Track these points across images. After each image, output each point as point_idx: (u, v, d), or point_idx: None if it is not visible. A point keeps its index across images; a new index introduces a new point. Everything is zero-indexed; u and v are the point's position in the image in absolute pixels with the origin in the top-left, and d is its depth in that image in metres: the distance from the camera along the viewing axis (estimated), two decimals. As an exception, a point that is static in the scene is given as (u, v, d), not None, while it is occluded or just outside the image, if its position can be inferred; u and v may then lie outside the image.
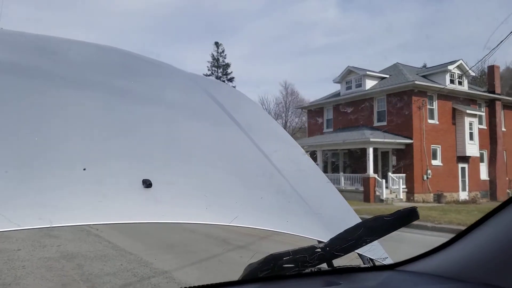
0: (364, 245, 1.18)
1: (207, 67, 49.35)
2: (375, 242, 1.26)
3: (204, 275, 6.43)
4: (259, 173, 1.44)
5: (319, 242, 1.26)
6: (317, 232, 1.30)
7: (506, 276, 1.00)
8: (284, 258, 1.23)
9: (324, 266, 1.28)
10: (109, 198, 1.01)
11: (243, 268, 1.29)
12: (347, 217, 1.46)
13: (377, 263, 1.33)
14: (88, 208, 0.95)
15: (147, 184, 1.07)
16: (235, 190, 1.27)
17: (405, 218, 1.07)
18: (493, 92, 25.69)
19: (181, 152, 1.28)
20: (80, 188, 0.99)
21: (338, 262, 1.30)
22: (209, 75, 48.41)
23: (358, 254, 1.37)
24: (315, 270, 1.24)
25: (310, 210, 1.39)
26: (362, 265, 1.34)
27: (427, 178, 22.15)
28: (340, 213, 1.50)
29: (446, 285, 1.09)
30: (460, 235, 1.16)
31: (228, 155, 1.41)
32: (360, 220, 1.37)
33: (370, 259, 1.35)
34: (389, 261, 1.29)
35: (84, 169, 1.03)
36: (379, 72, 26.18)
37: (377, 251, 1.29)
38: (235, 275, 1.33)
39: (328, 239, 1.22)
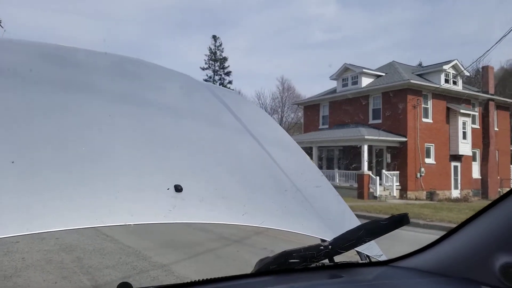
0: (363, 244, 1.36)
1: (204, 60, 49.13)
2: (372, 242, 1.45)
3: (202, 269, 6.57)
4: (270, 178, 1.62)
5: (322, 240, 1.45)
6: (320, 231, 1.48)
7: (485, 272, 1.19)
8: (294, 254, 1.41)
9: (326, 261, 1.47)
10: (145, 201, 1.18)
11: (240, 262, 1.47)
12: (347, 218, 1.64)
13: (373, 260, 1.52)
14: (129, 210, 1.12)
15: (178, 189, 1.24)
16: (251, 193, 1.44)
17: (398, 222, 1.25)
18: (487, 92, 26.02)
19: (204, 159, 1.45)
20: (124, 192, 1.15)
21: (338, 258, 1.49)
22: (206, 69, 48.33)
23: (357, 251, 1.56)
24: (320, 265, 1.43)
25: (315, 212, 1.57)
26: (360, 261, 1.52)
27: (420, 176, 22.45)
28: (341, 214, 1.68)
29: (432, 279, 1.28)
30: (447, 235, 1.35)
31: (244, 162, 1.58)
32: (358, 221, 1.56)
33: (367, 255, 1.54)
34: (383, 258, 1.47)
35: (124, 176, 1.21)
36: (375, 70, 26.37)
37: (373, 249, 1.48)
38: (232, 269, 1.51)
39: (330, 238, 1.41)
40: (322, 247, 1.39)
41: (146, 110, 1.53)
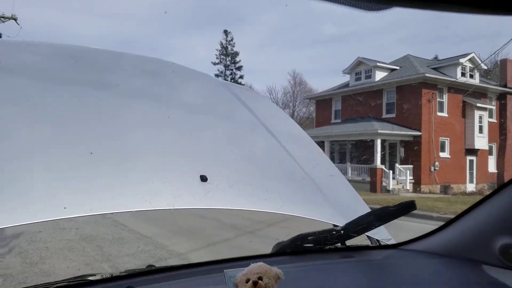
0: (373, 228, 1.49)
1: (216, 55, 49.11)
2: (381, 227, 1.57)
3: (217, 257, 6.71)
4: (285, 169, 1.75)
5: (334, 225, 1.58)
6: (333, 217, 1.61)
7: (486, 252, 1.31)
8: (309, 238, 1.55)
9: (339, 245, 1.60)
10: (181, 189, 1.33)
11: (253, 251, 1.60)
12: (357, 205, 1.76)
13: (382, 243, 1.64)
14: (170, 196, 1.27)
15: (203, 178, 1.39)
16: (270, 182, 1.58)
17: (406, 208, 1.38)
18: (505, 86, 25.62)
19: (226, 153, 1.59)
20: (157, 181, 1.30)
21: (350, 243, 1.61)
22: (217, 63, 48.39)
23: (367, 236, 1.69)
24: (333, 247, 1.56)
25: (328, 200, 1.70)
26: (371, 245, 1.65)
27: (435, 169, 22.31)
28: (352, 202, 1.81)
29: (438, 260, 1.40)
30: (452, 220, 1.47)
31: (261, 154, 1.72)
32: (368, 208, 1.68)
33: (377, 240, 1.67)
34: (392, 242, 1.60)
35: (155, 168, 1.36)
36: (390, 64, 26.14)
37: (382, 233, 1.61)
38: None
39: (342, 223, 1.54)
40: (334, 232, 1.52)
41: (171, 108, 1.67)
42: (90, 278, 1.14)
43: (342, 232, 1.51)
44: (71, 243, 8.05)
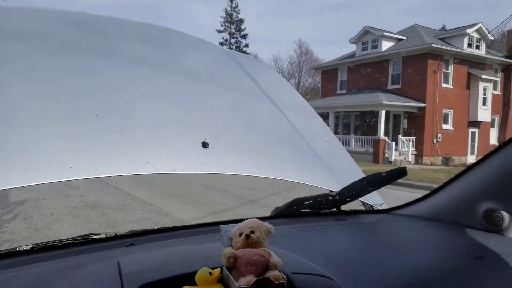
0: (366, 194, 1.56)
1: (220, 22, 48.24)
2: (374, 193, 1.64)
3: (219, 225, 6.91)
4: (285, 136, 1.81)
5: (331, 191, 1.65)
6: (330, 183, 1.68)
7: (470, 217, 1.39)
8: (305, 202, 1.63)
9: (334, 210, 1.68)
10: (179, 155, 1.39)
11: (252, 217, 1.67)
12: (354, 172, 1.83)
13: (375, 209, 1.72)
14: (170, 160, 1.33)
15: (205, 145, 1.45)
16: (271, 152, 1.64)
17: (397, 174, 1.44)
18: (511, 57, 25.26)
19: (228, 120, 1.65)
20: (160, 146, 1.36)
21: (345, 208, 1.69)
22: (221, 31, 47.61)
23: (361, 201, 1.76)
24: (328, 212, 1.64)
25: (325, 167, 1.77)
26: (364, 209, 1.73)
27: (437, 141, 22.35)
28: (348, 169, 1.88)
29: (425, 223, 1.48)
30: (441, 187, 1.54)
31: (263, 124, 1.77)
32: (363, 175, 1.75)
33: (370, 205, 1.74)
34: (384, 207, 1.68)
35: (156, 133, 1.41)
36: (396, 34, 25.70)
37: (375, 199, 1.68)
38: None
39: (338, 189, 1.61)
40: (330, 197, 1.60)
41: (175, 75, 1.72)
42: (95, 236, 1.22)
43: (336, 197, 1.58)
44: (75, 210, 8.21)
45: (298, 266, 0.93)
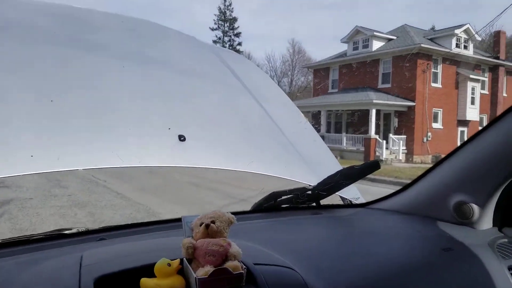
0: (342, 188, 1.57)
1: (214, 20, 48.04)
2: (352, 186, 1.65)
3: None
4: (266, 132, 1.81)
5: (309, 186, 1.66)
6: (308, 178, 1.68)
7: (441, 210, 1.40)
8: (282, 197, 1.63)
9: (313, 204, 1.68)
10: (152, 148, 1.38)
11: None
12: (333, 168, 1.84)
13: (354, 203, 1.73)
14: (139, 154, 1.32)
15: (181, 138, 1.44)
16: (248, 145, 1.64)
17: (370, 167, 1.45)
18: (498, 58, 25.55)
19: (206, 114, 1.64)
20: (136, 139, 1.35)
21: (323, 203, 1.70)
22: (215, 29, 47.44)
23: (340, 197, 1.77)
24: (305, 206, 1.64)
25: (304, 162, 1.77)
26: (341, 204, 1.74)
27: (427, 140, 22.52)
28: (327, 164, 1.88)
29: (399, 216, 1.49)
30: (414, 181, 1.55)
31: (242, 118, 1.77)
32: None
33: (349, 200, 1.75)
34: (361, 201, 1.69)
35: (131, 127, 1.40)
36: (387, 34, 25.86)
37: (352, 193, 1.69)
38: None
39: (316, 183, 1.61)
40: (307, 191, 1.60)
41: (153, 67, 1.71)
42: (66, 232, 1.21)
43: (313, 190, 1.59)
44: (62, 209, 8.10)
45: (263, 257, 0.93)
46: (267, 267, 0.86)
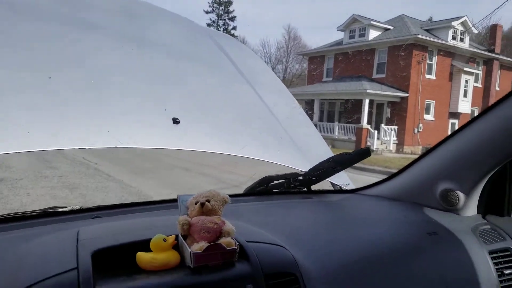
0: (333, 174, 1.60)
1: (208, 3, 47.43)
2: (342, 173, 1.69)
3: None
4: (260, 117, 1.83)
5: (301, 171, 1.69)
6: (300, 164, 1.71)
7: (428, 197, 1.44)
8: (275, 181, 1.66)
9: (304, 189, 1.71)
10: (147, 129, 1.40)
11: None
12: (324, 153, 1.87)
13: (344, 189, 1.77)
14: (133, 136, 1.34)
15: (176, 121, 1.46)
16: (241, 130, 1.67)
17: (361, 154, 1.48)
18: (493, 51, 25.65)
19: (202, 98, 1.66)
20: (130, 121, 1.37)
21: (315, 188, 1.73)
22: (209, 12, 46.89)
23: (331, 183, 1.81)
24: (297, 190, 1.68)
25: (296, 148, 1.80)
26: (331, 189, 1.78)
27: (418, 131, 22.69)
28: (319, 150, 1.91)
29: (388, 202, 1.53)
30: (404, 169, 1.59)
31: (236, 102, 1.79)
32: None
33: (340, 186, 1.79)
34: (351, 187, 1.72)
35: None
36: (384, 23, 25.78)
37: (343, 179, 1.73)
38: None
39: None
40: (298, 176, 1.64)
41: (148, 49, 1.71)
42: (61, 209, 1.23)
43: (304, 176, 1.62)
44: (53, 190, 8.06)
45: (255, 236, 0.96)
46: (259, 244, 0.90)
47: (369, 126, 21.93)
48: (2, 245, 0.90)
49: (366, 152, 1.48)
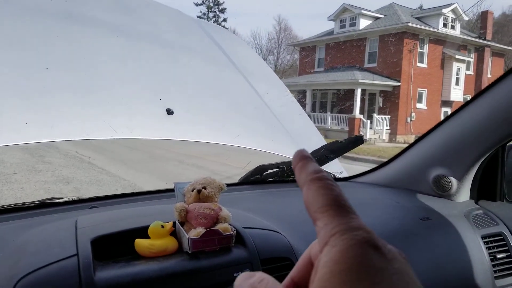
0: (327, 162, 1.62)
1: (198, -6, 47.14)
2: (335, 161, 1.70)
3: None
4: (252, 107, 1.84)
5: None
6: (293, 152, 1.72)
7: (421, 183, 1.46)
8: (268, 170, 1.68)
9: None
10: (142, 119, 1.41)
11: None
12: (317, 142, 1.88)
13: (337, 177, 1.78)
14: (128, 127, 1.35)
15: (169, 112, 1.47)
16: (234, 119, 1.67)
17: (354, 142, 1.50)
18: (484, 38, 25.76)
19: (194, 88, 1.67)
20: (124, 112, 1.37)
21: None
22: (199, 4, 46.56)
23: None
24: (291, 179, 1.69)
25: (289, 136, 1.81)
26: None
27: (411, 120, 22.81)
28: (312, 139, 1.93)
29: (381, 189, 1.55)
30: (396, 156, 1.61)
31: (228, 92, 1.79)
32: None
33: (333, 175, 1.81)
34: (344, 175, 1.74)
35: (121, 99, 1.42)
36: (374, 12, 25.76)
37: (336, 167, 1.74)
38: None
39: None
40: (291, 164, 1.65)
41: (140, 40, 1.71)
42: (58, 200, 1.24)
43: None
44: (47, 184, 8.03)
45: (251, 222, 0.97)
46: (255, 230, 0.91)
47: (361, 116, 22.01)
48: (1, 234, 0.91)
49: (359, 140, 1.49)
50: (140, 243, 0.79)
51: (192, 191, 0.85)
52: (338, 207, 0.26)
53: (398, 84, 22.29)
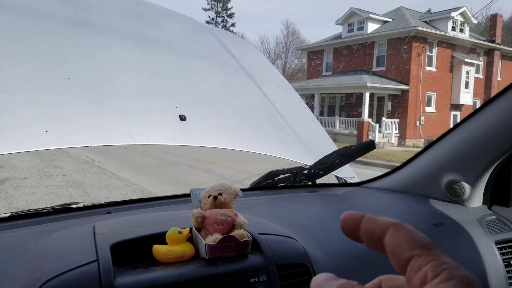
0: (338, 167, 1.62)
1: (207, 1, 47.44)
2: (347, 166, 1.71)
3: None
4: (264, 112, 1.85)
5: (306, 165, 1.71)
6: (304, 158, 1.74)
7: (434, 188, 1.46)
8: (280, 175, 1.69)
9: (309, 183, 1.74)
10: (157, 126, 1.42)
11: None
12: (328, 148, 1.89)
13: (348, 182, 1.79)
14: (141, 133, 1.36)
15: (182, 118, 1.48)
16: (246, 125, 1.69)
17: (366, 147, 1.50)
18: (493, 42, 25.55)
19: (205, 94, 1.68)
20: (137, 119, 1.39)
21: (320, 182, 1.75)
22: (208, 10, 46.80)
23: (336, 176, 1.83)
24: (302, 184, 1.70)
25: (301, 142, 1.82)
26: (337, 183, 1.80)
27: (420, 124, 22.66)
28: (323, 144, 1.93)
29: (393, 195, 1.55)
30: (408, 161, 1.61)
31: (240, 98, 1.81)
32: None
33: (344, 179, 1.81)
34: (355, 180, 1.74)
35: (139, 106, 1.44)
36: (382, 16, 25.70)
37: (347, 172, 1.75)
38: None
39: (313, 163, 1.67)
40: (303, 170, 1.66)
41: (152, 47, 1.73)
42: (73, 206, 1.26)
43: (310, 170, 1.64)
44: (58, 189, 8.10)
45: (266, 228, 0.98)
46: (271, 236, 0.92)
47: (370, 120, 21.91)
48: (21, 240, 0.93)
49: (371, 145, 1.50)
50: (158, 249, 0.81)
51: (209, 197, 0.87)
52: (436, 246, 0.29)
53: (407, 87, 22.18)
